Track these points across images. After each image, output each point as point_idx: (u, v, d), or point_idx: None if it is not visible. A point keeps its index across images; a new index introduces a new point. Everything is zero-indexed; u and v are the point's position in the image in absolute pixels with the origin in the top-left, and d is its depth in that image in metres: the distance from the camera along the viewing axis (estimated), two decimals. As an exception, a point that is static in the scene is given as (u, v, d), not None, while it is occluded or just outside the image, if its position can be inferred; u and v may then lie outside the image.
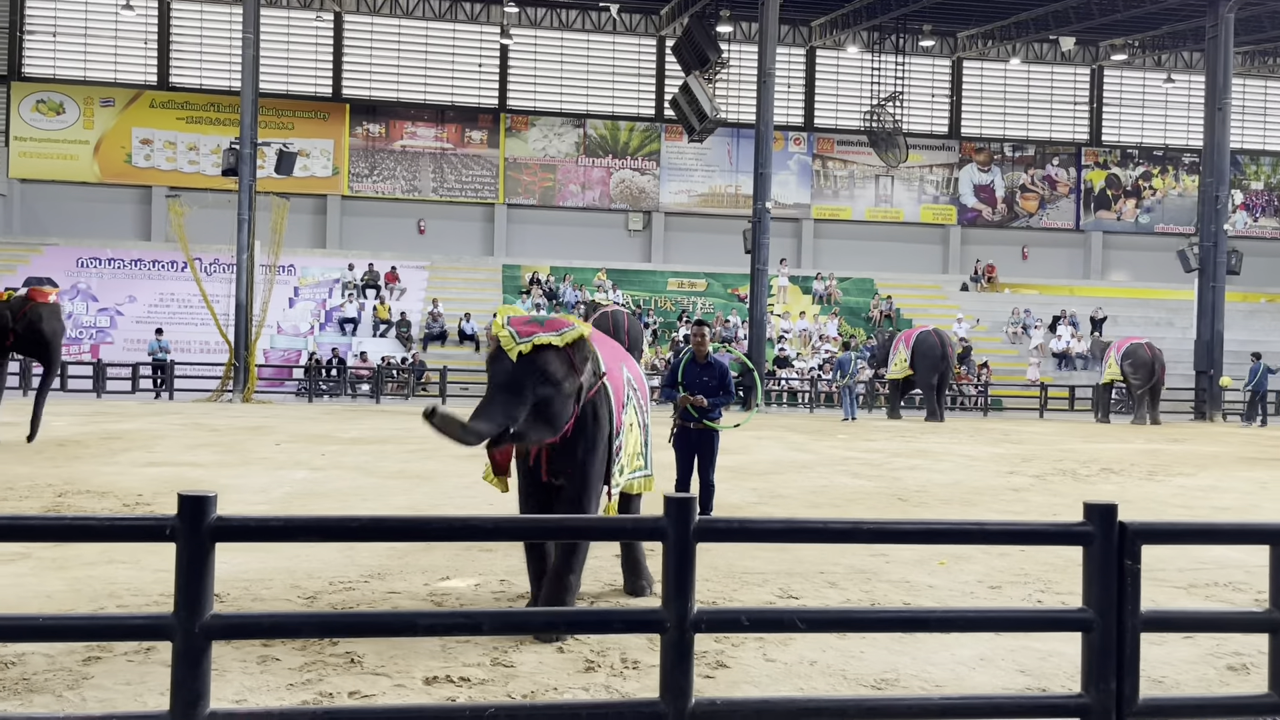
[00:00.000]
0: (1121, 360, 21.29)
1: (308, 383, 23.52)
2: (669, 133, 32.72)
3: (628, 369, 5.57)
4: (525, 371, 4.67)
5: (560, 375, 4.71)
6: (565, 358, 4.75)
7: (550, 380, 4.68)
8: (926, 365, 20.35)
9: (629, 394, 5.42)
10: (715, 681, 4.24)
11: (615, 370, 5.31)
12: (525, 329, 4.77)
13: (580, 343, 4.82)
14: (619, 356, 5.57)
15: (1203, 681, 4.44)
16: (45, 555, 6.21)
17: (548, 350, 4.71)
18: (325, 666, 4.29)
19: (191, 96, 31.13)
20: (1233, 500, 9.91)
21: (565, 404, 4.77)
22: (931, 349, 20.30)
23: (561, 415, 4.78)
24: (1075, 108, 35.50)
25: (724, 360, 7.40)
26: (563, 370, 4.73)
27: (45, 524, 3.18)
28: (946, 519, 8.07)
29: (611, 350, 5.49)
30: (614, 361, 5.37)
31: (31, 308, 11.67)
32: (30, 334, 11.59)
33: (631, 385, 5.52)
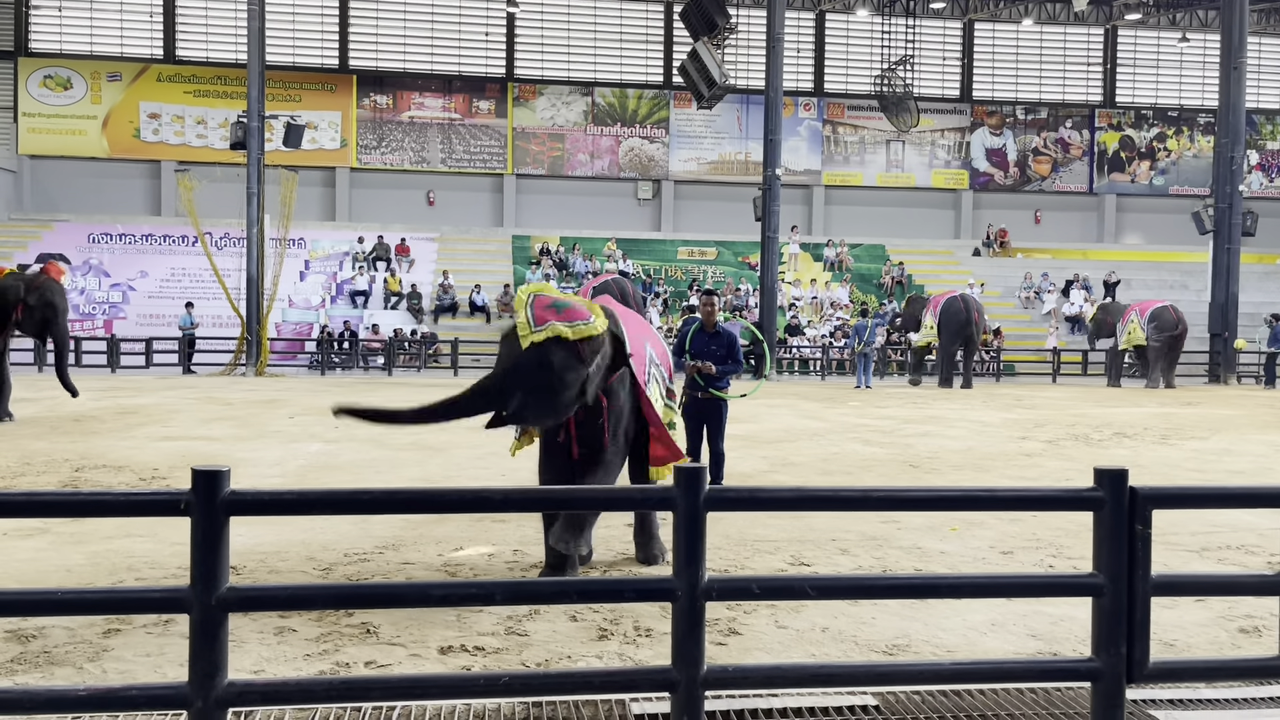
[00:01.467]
0: (1147, 324, 21.05)
1: (320, 356, 23.60)
2: (678, 100, 32.48)
3: (650, 345, 5.60)
4: (530, 359, 4.71)
5: (564, 366, 4.73)
6: (574, 349, 4.76)
7: (553, 371, 4.71)
8: (950, 331, 20.16)
9: (650, 371, 5.45)
10: (727, 649, 4.27)
11: (639, 348, 5.33)
12: (541, 314, 4.78)
13: (594, 341, 4.82)
14: (644, 332, 5.60)
15: (1214, 644, 4.46)
16: (64, 530, 6.27)
17: (557, 342, 4.73)
18: (341, 637, 4.34)
19: (198, 70, 31.04)
20: (1247, 464, 9.88)
21: (569, 393, 4.80)
22: (956, 315, 20.05)
23: (563, 403, 4.81)
24: (1089, 69, 35.08)
25: (733, 329, 7.40)
26: (569, 361, 4.75)
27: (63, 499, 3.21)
28: (957, 485, 8.08)
29: (638, 326, 5.51)
30: (639, 336, 5.39)
31: (45, 281, 11.92)
32: (42, 306, 11.78)
33: (654, 361, 5.56)
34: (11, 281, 11.69)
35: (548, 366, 4.71)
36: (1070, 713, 3.61)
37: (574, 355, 4.76)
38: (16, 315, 11.70)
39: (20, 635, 4.28)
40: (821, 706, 3.62)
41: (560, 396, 4.77)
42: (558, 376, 4.72)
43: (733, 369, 7.14)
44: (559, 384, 4.74)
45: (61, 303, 12.12)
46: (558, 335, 4.73)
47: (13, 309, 11.62)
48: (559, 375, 4.73)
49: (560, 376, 4.73)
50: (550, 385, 4.73)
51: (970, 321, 20.15)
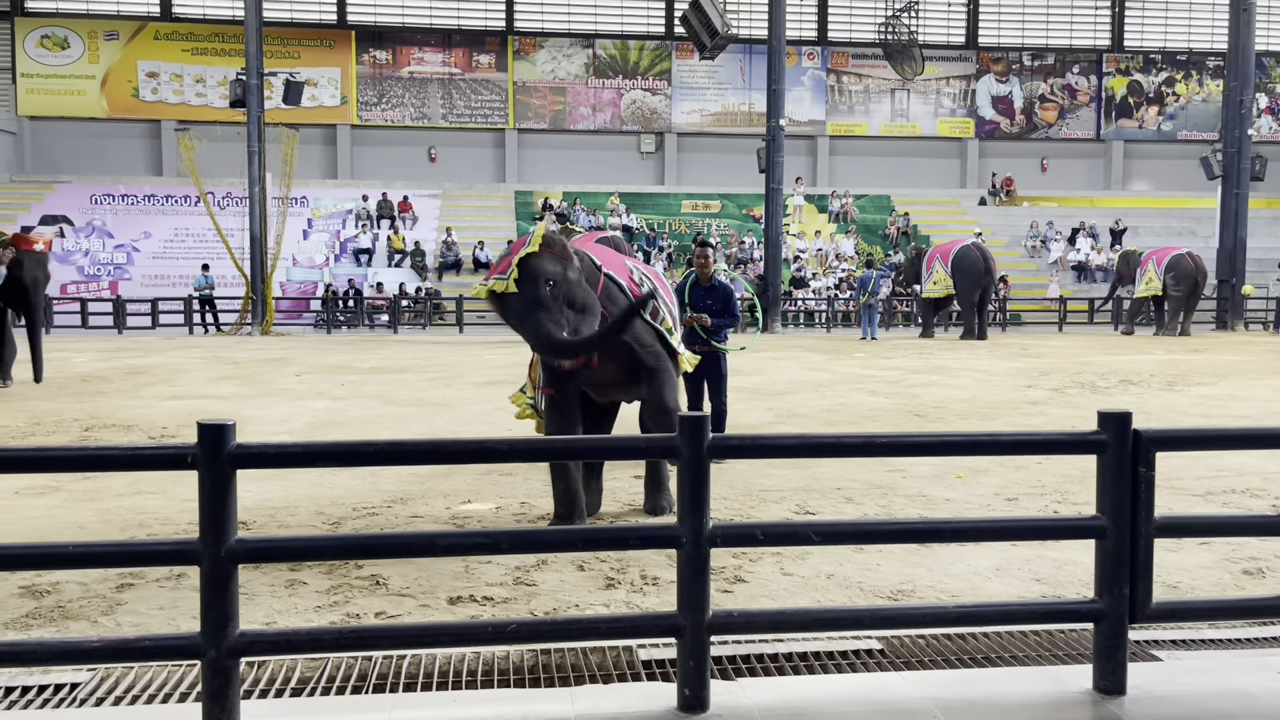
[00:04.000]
0: (1165, 273, 20.79)
1: (325, 314, 23.62)
2: (680, 51, 32.13)
3: (640, 268, 5.74)
4: (532, 290, 4.87)
5: (558, 270, 4.93)
6: (547, 254, 4.94)
7: (554, 278, 4.90)
8: (969, 281, 19.79)
9: (641, 277, 5.60)
10: (733, 595, 4.31)
11: (616, 264, 5.48)
12: (502, 265, 5.00)
13: (548, 237, 5.01)
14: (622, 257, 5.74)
15: (1218, 586, 4.48)
16: (75, 488, 6.33)
17: (529, 262, 4.90)
18: (351, 589, 4.39)
19: (195, 27, 30.73)
20: (1253, 409, 9.88)
21: (583, 290, 5.03)
22: (974, 264, 19.71)
23: (589, 302, 5.05)
24: (1096, 12, 34.55)
25: (728, 283, 7.32)
26: (556, 265, 4.94)
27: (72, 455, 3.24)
28: (961, 431, 8.10)
29: (610, 254, 5.64)
30: (614, 259, 5.54)
31: (15, 257, 11.31)
32: (9, 282, 11.22)
33: (648, 278, 5.69)
34: None
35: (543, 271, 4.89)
36: (1074, 654, 3.65)
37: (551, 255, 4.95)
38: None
39: (34, 590, 4.33)
40: (827, 651, 3.66)
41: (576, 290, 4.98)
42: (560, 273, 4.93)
43: (728, 323, 7.05)
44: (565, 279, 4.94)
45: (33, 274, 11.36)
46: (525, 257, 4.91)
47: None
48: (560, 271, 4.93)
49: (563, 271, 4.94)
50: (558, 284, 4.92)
51: (988, 271, 19.90)
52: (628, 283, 5.40)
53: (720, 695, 3.16)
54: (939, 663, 3.59)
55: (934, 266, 20.43)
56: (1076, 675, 3.38)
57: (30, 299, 11.41)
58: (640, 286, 5.46)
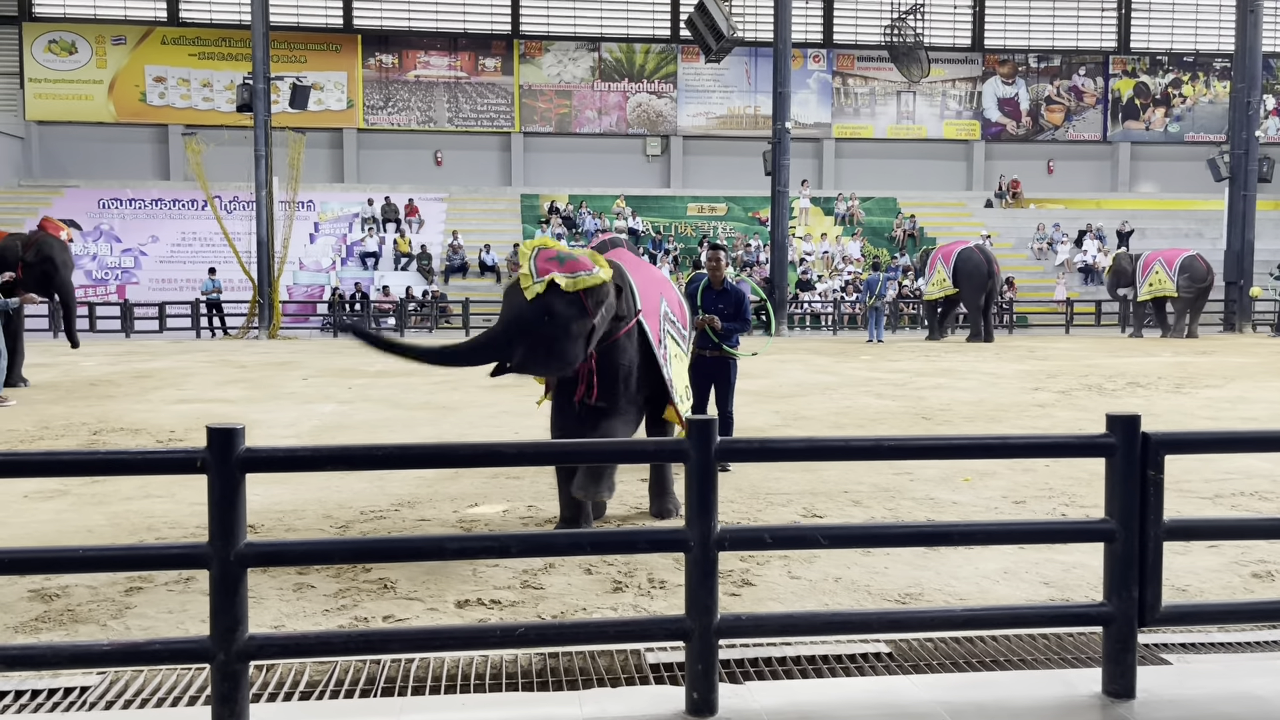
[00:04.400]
0: (1178, 274, 20.69)
1: (332, 318, 23.66)
2: (685, 54, 32.14)
3: (665, 298, 5.56)
4: (534, 310, 4.73)
5: (567, 317, 4.74)
6: (577, 300, 4.76)
7: (557, 321, 4.73)
8: (973, 284, 19.74)
9: (665, 328, 5.42)
10: (741, 599, 4.31)
11: (653, 302, 5.30)
12: (544, 266, 4.79)
13: (599, 291, 4.82)
14: (657, 284, 5.56)
15: (1227, 589, 4.47)
16: (84, 491, 6.35)
17: (557, 291, 4.73)
18: (359, 593, 4.40)
19: (202, 32, 30.82)
20: (1261, 411, 9.85)
21: (573, 344, 4.81)
22: (977, 267, 19.65)
23: (567, 353, 4.82)
24: (1103, 14, 34.50)
25: (741, 287, 7.26)
26: (572, 311, 4.75)
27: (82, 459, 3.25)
28: (969, 434, 8.09)
29: (652, 280, 5.47)
30: (652, 290, 5.35)
31: (43, 238, 11.76)
32: (40, 262, 11.58)
33: (669, 317, 5.52)
34: (9, 243, 11.54)
35: (550, 317, 4.73)
36: (1083, 658, 3.64)
37: (577, 305, 4.77)
38: (17, 274, 11.45)
39: (44, 594, 4.34)
40: (835, 654, 3.65)
41: (563, 346, 4.79)
42: (560, 327, 4.74)
43: (739, 327, 6.98)
44: (562, 334, 4.75)
45: (61, 256, 11.87)
46: (557, 285, 4.73)
47: (13, 269, 11.40)
48: (562, 326, 4.74)
49: (563, 327, 4.75)
50: (553, 335, 4.75)
51: (992, 273, 19.83)
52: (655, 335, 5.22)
53: (728, 699, 3.16)
54: (947, 666, 3.58)
55: (935, 267, 20.35)
56: (1085, 679, 3.38)
57: (61, 282, 11.85)
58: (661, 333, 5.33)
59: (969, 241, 21.54)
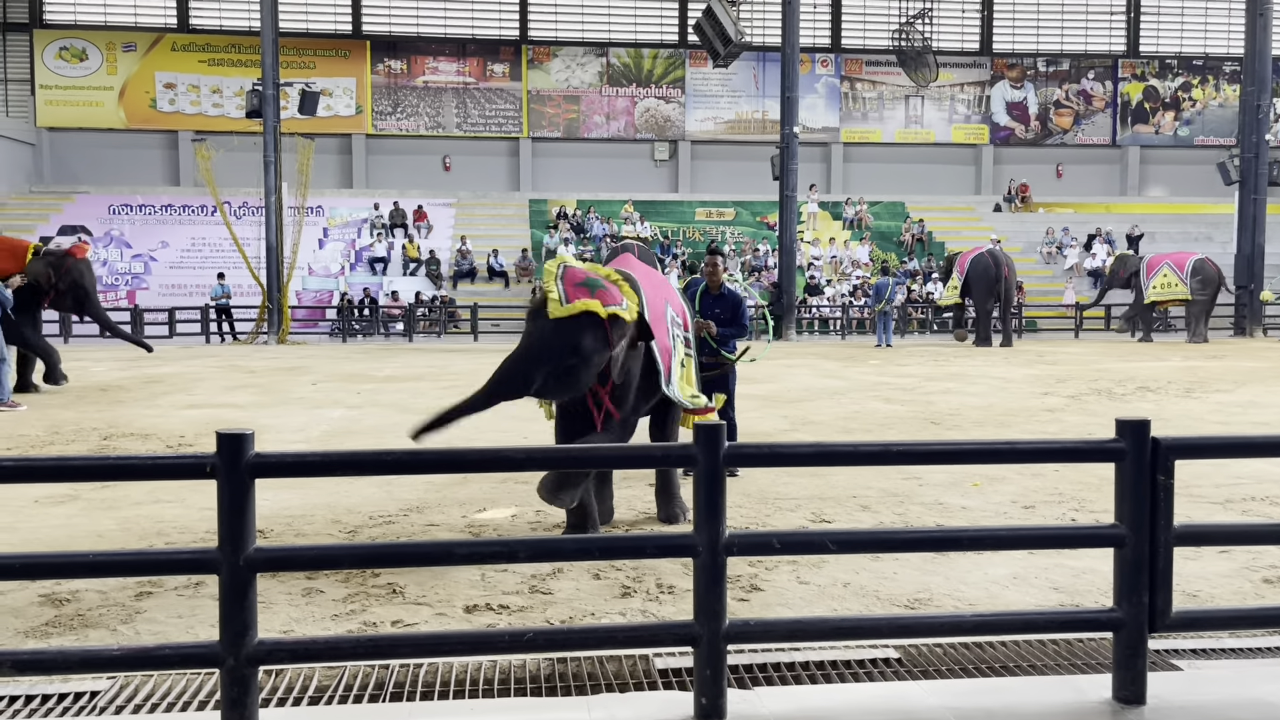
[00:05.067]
0: (1190, 277, 20.61)
1: (341, 323, 23.73)
2: (693, 59, 32.17)
3: (669, 302, 5.55)
4: (559, 336, 4.67)
5: (591, 348, 4.71)
6: (602, 330, 4.73)
7: (581, 352, 4.69)
8: (982, 288, 19.75)
9: (674, 334, 5.40)
10: (749, 604, 4.30)
11: (658, 305, 5.26)
12: (574, 292, 4.71)
13: (622, 323, 4.80)
14: (662, 290, 5.54)
15: (1238, 595, 4.45)
16: (94, 496, 6.37)
17: (585, 320, 4.67)
18: (368, 598, 4.40)
19: (212, 38, 30.97)
20: (1273, 415, 9.81)
21: (591, 373, 4.79)
22: (985, 270, 19.63)
23: (585, 382, 4.83)
24: (1111, 18, 34.44)
25: (739, 292, 7.21)
26: (596, 343, 4.71)
27: (92, 464, 3.26)
28: (978, 438, 8.07)
29: (654, 283, 5.46)
30: (657, 296, 5.32)
31: (73, 263, 12.22)
32: (73, 290, 12.20)
33: (675, 322, 5.50)
34: (40, 269, 11.83)
35: (575, 347, 4.68)
36: (1093, 663, 3.63)
37: (602, 336, 4.74)
38: (46, 303, 12.14)
39: (54, 599, 4.36)
40: (844, 660, 3.64)
41: (581, 376, 4.77)
42: (584, 357, 4.70)
43: (735, 332, 6.88)
44: (583, 364, 4.72)
45: (89, 281, 12.47)
46: (588, 311, 4.68)
47: (44, 296, 12.00)
48: (585, 356, 4.70)
49: (586, 358, 4.71)
50: (575, 365, 4.71)
51: (1001, 278, 19.76)
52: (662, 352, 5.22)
53: (737, 704, 3.15)
54: (956, 672, 3.57)
55: (953, 273, 20.46)
56: (1096, 685, 3.36)
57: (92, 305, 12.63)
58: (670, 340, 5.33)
59: (983, 247, 21.48)
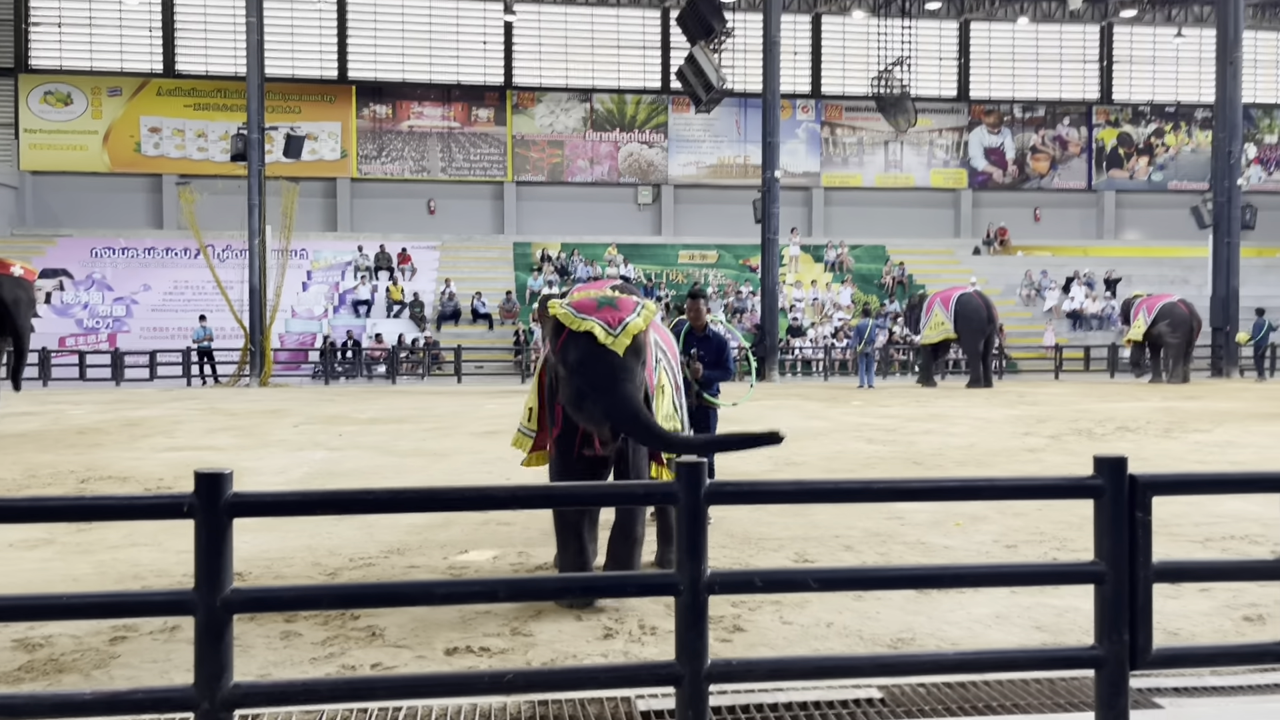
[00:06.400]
0: (1158, 320, 20.77)
1: (323, 365, 23.64)
2: (676, 104, 32.56)
3: (655, 332, 5.57)
4: (632, 359, 4.73)
5: (643, 359, 4.85)
6: (643, 340, 4.84)
7: (643, 364, 4.82)
8: (972, 329, 19.78)
9: (658, 356, 5.42)
10: (732, 645, 4.28)
11: None
12: (606, 316, 4.71)
13: (654, 324, 4.97)
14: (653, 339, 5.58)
15: (1219, 633, 4.46)
16: (69, 541, 6.30)
17: (640, 337, 4.77)
18: (347, 640, 4.36)
19: (198, 83, 31.15)
20: (1250, 455, 9.88)
21: (642, 378, 4.91)
22: (976, 312, 19.71)
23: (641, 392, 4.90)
24: (1085, 66, 35.11)
25: (722, 334, 7.20)
26: (644, 353, 4.86)
27: (67, 505, 3.23)
28: (958, 476, 8.08)
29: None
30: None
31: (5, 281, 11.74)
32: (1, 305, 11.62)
33: (660, 348, 5.51)
34: None
35: (642, 361, 4.79)
36: (1075, 702, 3.62)
37: (643, 343, 4.85)
38: None
39: (27, 644, 4.30)
40: (827, 700, 3.62)
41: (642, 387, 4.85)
42: (642, 367, 4.82)
43: (720, 375, 6.85)
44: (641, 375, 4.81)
45: (13, 294, 11.85)
46: (641, 329, 4.75)
47: None
48: (642, 365, 4.82)
49: (641, 368, 4.82)
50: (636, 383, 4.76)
51: (991, 319, 19.86)
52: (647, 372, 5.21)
53: (719, 745, 3.12)
54: (940, 711, 3.56)
55: (933, 310, 20.29)
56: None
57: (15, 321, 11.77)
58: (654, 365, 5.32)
59: (965, 287, 21.64)
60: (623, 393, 4.61)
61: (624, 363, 4.67)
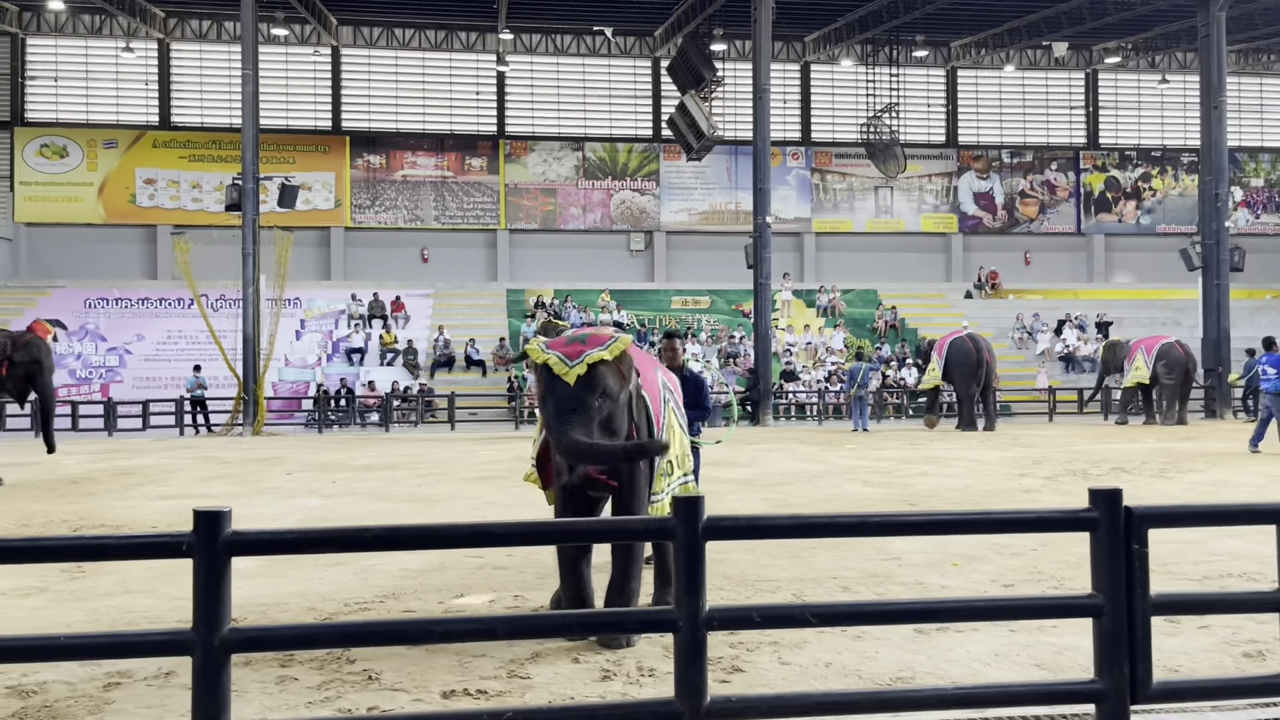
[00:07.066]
0: (1155, 361, 20.88)
1: (317, 413, 23.60)
2: (667, 152, 32.89)
3: (661, 373, 5.67)
4: (585, 390, 4.77)
5: (616, 389, 4.87)
6: (616, 370, 4.88)
7: (609, 395, 4.83)
8: (963, 373, 19.85)
9: (666, 396, 5.48)
10: (730, 685, 4.25)
11: (649, 372, 5.39)
12: (571, 350, 4.85)
13: (625, 354, 4.96)
14: (650, 361, 5.67)
15: (1218, 669, 4.45)
16: (62, 588, 6.26)
17: (600, 366, 4.81)
18: (343, 684, 4.32)
19: (193, 135, 31.41)
20: (1244, 494, 9.90)
21: (622, 415, 4.96)
22: (965, 355, 19.78)
23: (621, 427, 4.96)
24: (1071, 112, 35.61)
25: (700, 374, 7.21)
26: (617, 383, 4.88)
27: (65, 544, 3.23)
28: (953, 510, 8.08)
29: (641, 356, 5.55)
30: (647, 366, 5.45)
31: (33, 339, 12.06)
32: (27, 364, 11.86)
33: (668, 388, 5.59)
34: None
35: (603, 391, 4.79)
36: (1076, 738, 3.60)
37: (617, 375, 4.88)
38: (1, 372, 11.76)
39: (20, 690, 4.26)
40: (827, 738, 3.60)
41: (617, 419, 4.90)
42: (613, 399, 4.84)
43: (699, 415, 6.83)
44: (614, 406, 4.86)
45: (47, 360, 12.19)
46: (600, 359, 4.81)
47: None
48: (613, 398, 4.84)
49: (614, 399, 4.85)
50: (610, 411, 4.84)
51: (981, 362, 19.88)
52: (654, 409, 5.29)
53: (720, 784, 3.10)
54: (941, 749, 3.54)
55: (932, 357, 20.56)
56: (1080, 758, 3.34)
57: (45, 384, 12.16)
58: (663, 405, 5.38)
59: (961, 331, 21.72)
60: (563, 421, 4.71)
61: (572, 392, 4.75)
